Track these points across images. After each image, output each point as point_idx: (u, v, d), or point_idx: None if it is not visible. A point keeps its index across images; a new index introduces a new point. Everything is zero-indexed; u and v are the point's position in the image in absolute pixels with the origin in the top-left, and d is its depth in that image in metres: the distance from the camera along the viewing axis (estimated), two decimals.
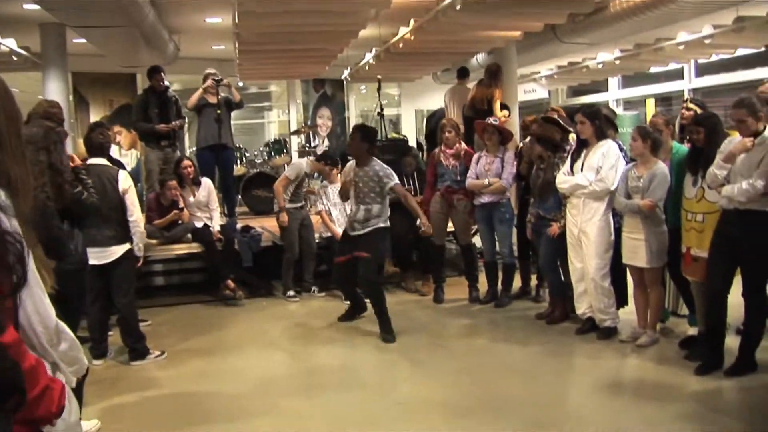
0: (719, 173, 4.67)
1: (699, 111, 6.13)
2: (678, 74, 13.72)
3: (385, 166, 6.35)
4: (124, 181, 5.42)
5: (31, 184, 1.79)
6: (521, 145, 7.44)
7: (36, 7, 7.67)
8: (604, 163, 5.68)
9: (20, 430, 1.55)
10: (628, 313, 6.07)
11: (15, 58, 9.69)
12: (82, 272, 4.66)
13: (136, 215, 5.49)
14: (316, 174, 8.61)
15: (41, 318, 1.73)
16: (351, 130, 7.16)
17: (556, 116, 6.56)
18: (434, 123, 10.02)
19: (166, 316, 7.24)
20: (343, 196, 6.60)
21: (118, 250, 5.43)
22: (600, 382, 4.98)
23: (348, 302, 6.97)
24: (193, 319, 7.21)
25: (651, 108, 14.49)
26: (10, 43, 9.41)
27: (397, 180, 6.33)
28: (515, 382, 5.01)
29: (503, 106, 9.44)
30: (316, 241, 8.11)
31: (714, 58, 12.08)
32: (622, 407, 4.51)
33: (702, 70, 13.29)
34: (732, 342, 5.03)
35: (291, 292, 7.83)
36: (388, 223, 6.40)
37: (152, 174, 8.85)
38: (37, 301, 1.71)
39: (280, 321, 7.00)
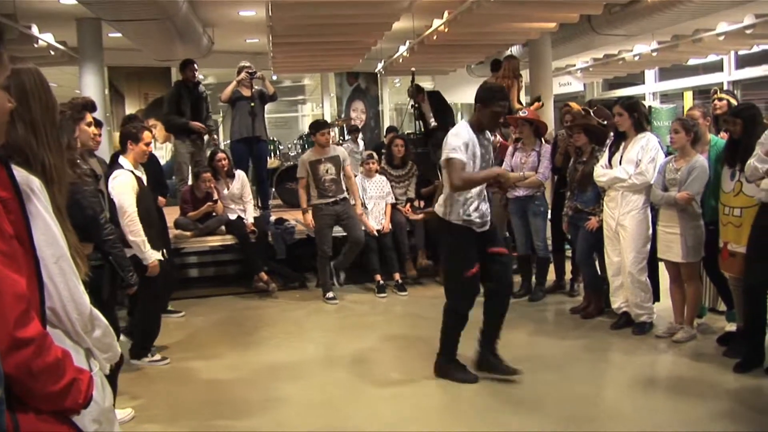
0: (761, 166, 4.53)
1: (731, 100, 6.03)
2: (717, 66, 13.50)
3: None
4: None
5: (66, 173, 1.80)
6: (556, 136, 7.36)
7: (73, 1, 7.78)
8: (644, 156, 5.57)
9: (49, 420, 1.56)
10: (664, 309, 5.98)
11: (52, 53, 9.83)
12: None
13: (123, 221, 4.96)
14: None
15: (76, 305, 1.74)
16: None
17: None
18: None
19: (199, 308, 7.29)
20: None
21: None
22: (635, 378, 4.91)
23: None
24: (226, 310, 7.26)
25: (689, 101, 14.29)
26: (48, 38, 9.54)
27: None
28: (549, 377, 4.95)
29: (536, 98, 9.35)
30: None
31: (755, 49, 11.84)
32: (657, 404, 4.44)
33: (743, 62, 13.05)
34: None
35: (330, 294, 7.43)
36: None
37: (182, 167, 8.88)
38: (72, 288, 1.72)
39: (314, 313, 7.02)
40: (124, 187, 5.00)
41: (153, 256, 5.09)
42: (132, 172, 5.12)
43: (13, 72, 1.56)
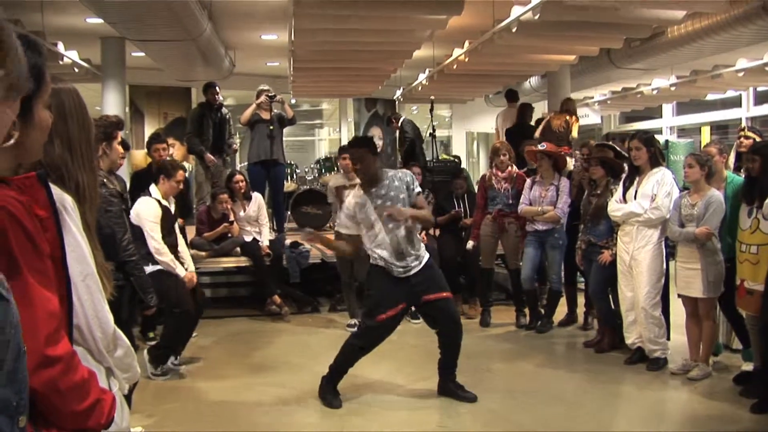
0: None
1: (757, 139, 6.03)
2: (735, 102, 13.50)
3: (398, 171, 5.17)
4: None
5: (98, 192, 1.83)
6: (572, 168, 7.37)
7: (98, 20, 7.88)
8: (659, 191, 5.57)
9: None
10: (679, 345, 5.93)
11: (76, 70, 9.93)
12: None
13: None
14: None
15: (100, 323, 1.76)
16: (347, 148, 6.26)
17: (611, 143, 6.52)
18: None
19: (212, 329, 7.28)
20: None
21: None
22: (648, 414, 4.86)
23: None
24: (238, 332, 7.26)
25: (706, 136, 14.27)
26: (73, 55, 9.66)
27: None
28: (560, 410, 4.91)
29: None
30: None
31: None
32: None
33: (761, 98, 13.04)
34: None
35: (351, 321, 7.10)
36: None
37: (202, 187, 8.97)
38: (97, 307, 1.74)
39: (325, 338, 6.98)
40: (148, 214, 5.32)
41: (183, 271, 5.52)
42: (159, 201, 5.44)
43: (53, 91, 1.59)
